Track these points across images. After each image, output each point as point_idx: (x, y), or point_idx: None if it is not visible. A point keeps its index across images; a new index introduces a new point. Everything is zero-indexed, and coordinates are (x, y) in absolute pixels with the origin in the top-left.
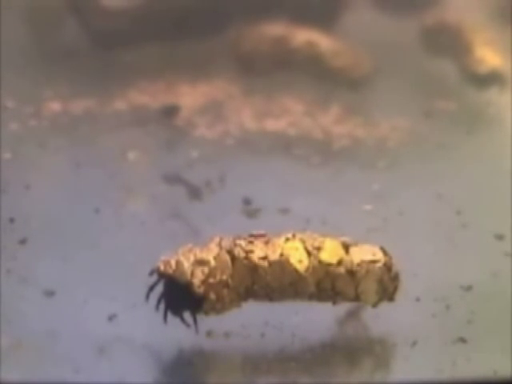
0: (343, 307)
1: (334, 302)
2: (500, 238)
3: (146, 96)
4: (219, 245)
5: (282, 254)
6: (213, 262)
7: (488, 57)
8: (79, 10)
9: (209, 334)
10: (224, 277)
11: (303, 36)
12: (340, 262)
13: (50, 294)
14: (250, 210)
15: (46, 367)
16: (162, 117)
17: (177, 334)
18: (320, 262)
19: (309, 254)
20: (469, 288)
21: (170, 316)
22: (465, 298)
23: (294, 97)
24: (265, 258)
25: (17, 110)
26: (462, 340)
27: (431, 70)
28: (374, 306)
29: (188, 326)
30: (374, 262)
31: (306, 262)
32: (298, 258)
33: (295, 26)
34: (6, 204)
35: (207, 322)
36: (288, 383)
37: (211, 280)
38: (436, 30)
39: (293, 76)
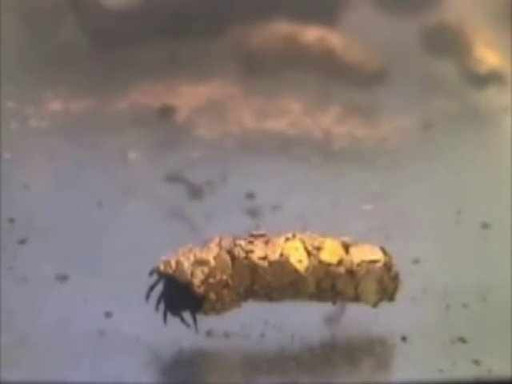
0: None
1: (334, 302)
2: (500, 238)
3: (146, 96)
4: (219, 245)
5: (281, 254)
6: (213, 262)
7: (488, 57)
8: (79, 10)
9: (209, 333)
10: (224, 277)
11: (313, 33)
12: (340, 262)
13: (49, 293)
14: (249, 209)
15: (46, 367)
16: (162, 117)
17: (177, 333)
18: (320, 261)
19: (309, 253)
20: (469, 288)
21: (169, 316)
22: (465, 297)
23: (294, 97)
24: (265, 257)
25: (17, 110)
26: (462, 340)
27: (431, 69)
28: (374, 305)
29: (188, 325)
30: (374, 261)
31: (305, 261)
32: (298, 258)
33: (303, 23)
34: (6, 204)
35: (207, 321)
36: (288, 383)
37: (211, 280)
38: (436, 30)
39: (302, 74)
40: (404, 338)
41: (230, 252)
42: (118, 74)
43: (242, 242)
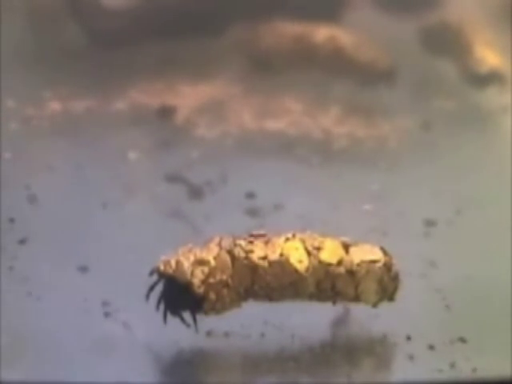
0: (343, 307)
1: (334, 302)
2: (500, 238)
3: (146, 96)
4: (219, 245)
5: (281, 254)
6: (213, 262)
7: (488, 57)
8: (79, 10)
9: (209, 333)
10: (224, 277)
11: (321, 32)
12: (340, 262)
13: (49, 293)
14: (249, 209)
15: (46, 367)
16: (162, 117)
17: (177, 334)
18: (320, 262)
19: (309, 254)
20: (469, 287)
21: (169, 316)
22: (465, 297)
23: (295, 96)
24: (265, 257)
25: (17, 110)
26: (462, 340)
27: (431, 69)
28: (374, 305)
29: (188, 325)
30: (374, 261)
31: (306, 262)
32: (298, 258)
33: (309, 22)
34: (6, 204)
35: (207, 322)
36: (288, 383)
37: (211, 280)
38: (436, 29)
39: (307, 73)
40: (409, 338)
41: (230, 252)
42: (118, 74)
43: (242, 242)
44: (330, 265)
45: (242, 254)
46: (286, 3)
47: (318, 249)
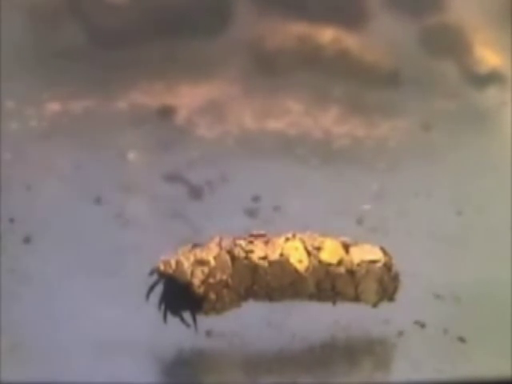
0: (343, 307)
1: (334, 302)
2: (500, 238)
3: (146, 96)
4: (219, 245)
5: (282, 254)
6: (213, 262)
7: (488, 57)
8: (80, 9)
9: (209, 333)
10: (224, 277)
11: (327, 34)
12: (340, 262)
13: (50, 293)
14: (249, 209)
15: (46, 367)
16: (162, 117)
17: (177, 333)
18: (320, 261)
19: (309, 253)
20: (469, 288)
21: (169, 316)
22: (465, 297)
23: (295, 97)
24: (265, 257)
25: (17, 110)
26: (462, 340)
27: (431, 70)
28: (374, 306)
29: (188, 325)
30: (374, 261)
31: (305, 261)
32: (298, 258)
33: (319, 23)
34: (6, 204)
35: (207, 321)
36: (288, 383)
37: (211, 280)
38: (436, 30)
39: (315, 74)
40: (409, 338)
41: (229, 252)
42: (118, 74)
43: (242, 242)
44: (329, 265)
45: (242, 254)
46: (290, 3)
47: (318, 249)
